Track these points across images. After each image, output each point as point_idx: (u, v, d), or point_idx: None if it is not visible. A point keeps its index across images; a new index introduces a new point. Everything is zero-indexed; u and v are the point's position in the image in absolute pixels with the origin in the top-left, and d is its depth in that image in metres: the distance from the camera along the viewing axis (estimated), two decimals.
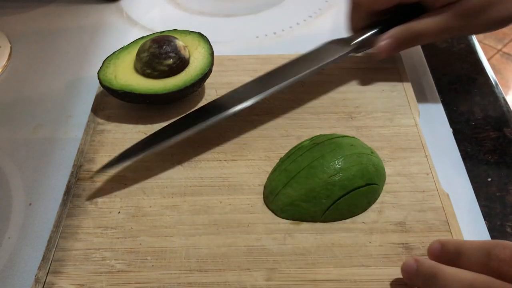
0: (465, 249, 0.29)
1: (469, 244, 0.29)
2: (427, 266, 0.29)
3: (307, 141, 0.37)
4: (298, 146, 0.37)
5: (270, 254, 0.32)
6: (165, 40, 0.41)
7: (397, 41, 0.41)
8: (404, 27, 0.41)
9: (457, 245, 0.30)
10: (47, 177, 0.39)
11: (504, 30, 1.94)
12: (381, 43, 0.42)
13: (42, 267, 0.32)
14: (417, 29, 0.41)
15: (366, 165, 0.34)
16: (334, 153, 0.34)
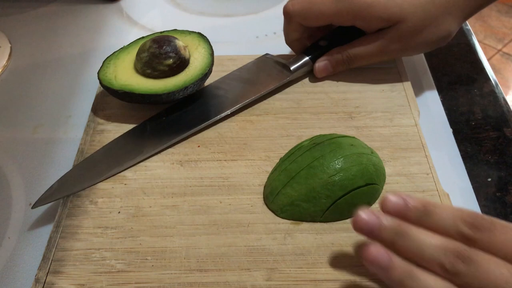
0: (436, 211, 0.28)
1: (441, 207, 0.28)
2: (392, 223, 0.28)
3: (307, 141, 0.37)
4: (298, 146, 0.37)
5: (270, 254, 0.32)
6: (165, 40, 0.41)
7: (333, 64, 0.44)
8: (341, 49, 0.43)
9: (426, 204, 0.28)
10: (47, 177, 0.39)
11: (504, 30, 1.94)
12: (319, 64, 0.44)
13: (42, 267, 0.32)
14: (354, 52, 0.43)
15: (366, 165, 0.34)
16: (334, 153, 0.34)
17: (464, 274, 0.25)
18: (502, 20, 1.96)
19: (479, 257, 0.25)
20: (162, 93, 0.40)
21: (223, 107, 0.42)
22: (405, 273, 0.27)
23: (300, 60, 0.44)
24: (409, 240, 0.27)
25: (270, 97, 0.44)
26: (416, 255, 0.27)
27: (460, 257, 0.26)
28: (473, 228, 0.26)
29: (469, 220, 0.27)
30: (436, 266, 0.26)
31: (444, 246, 0.26)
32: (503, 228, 0.26)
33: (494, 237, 0.26)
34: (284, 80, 0.43)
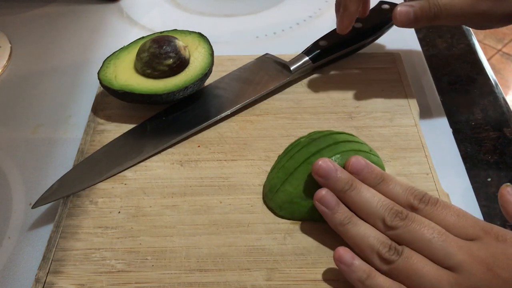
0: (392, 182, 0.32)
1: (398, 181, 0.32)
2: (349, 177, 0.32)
3: (304, 137, 0.37)
4: (296, 143, 0.37)
5: (270, 254, 0.32)
6: (165, 40, 0.41)
7: (417, 11, 0.38)
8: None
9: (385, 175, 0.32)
10: (47, 177, 0.39)
11: (504, 30, 1.94)
12: (400, 8, 0.38)
13: (42, 267, 0.32)
14: (441, 3, 0.37)
15: None
16: (331, 149, 0.34)
17: (400, 227, 0.29)
18: None
19: (416, 218, 0.29)
20: (162, 93, 0.40)
21: (223, 107, 0.42)
22: (347, 218, 0.30)
23: (300, 60, 0.44)
24: (359, 193, 0.31)
25: (270, 97, 0.44)
26: (362, 208, 0.31)
27: (399, 215, 0.29)
28: (420, 201, 0.30)
29: (418, 195, 0.31)
30: (377, 219, 0.30)
31: (390, 205, 0.30)
32: (445, 206, 0.30)
33: (435, 211, 0.30)
34: (284, 80, 0.43)
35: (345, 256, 0.29)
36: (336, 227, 0.31)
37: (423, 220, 0.29)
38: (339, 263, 0.29)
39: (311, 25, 0.55)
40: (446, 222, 0.29)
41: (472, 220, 0.29)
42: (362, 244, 0.29)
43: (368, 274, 0.28)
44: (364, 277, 0.28)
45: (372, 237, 0.29)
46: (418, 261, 0.28)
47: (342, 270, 0.29)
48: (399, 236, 0.29)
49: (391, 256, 0.28)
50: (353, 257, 0.29)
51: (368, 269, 0.29)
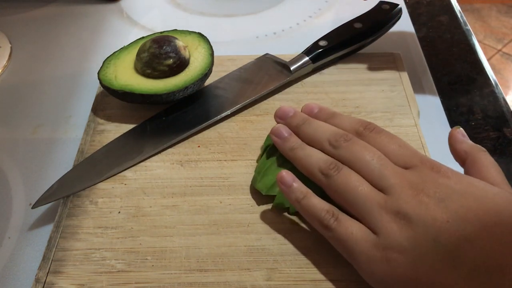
0: (342, 116, 0.35)
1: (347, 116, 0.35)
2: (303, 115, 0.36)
3: None
4: None
5: (270, 254, 0.32)
6: (165, 40, 0.41)
7: None
8: None
9: (335, 111, 0.36)
10: (47, 177, 0.39)
11: (504, 30, 1.94)
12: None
13: (42, 267, 0.32)
14: None
15: None
16: None
17: (343, 147, 0.32)
18: (502, 20, 1.96)
19: (359, 141, 0.32)
20: (162, 93, 0.40)
21: (223, 107, 0.42)
22: (296, 143, 0.34)
23: (300, 60, 0.44)
24: (311, 125, 0.34)
25: (270, 97, 0.44)
26: (312, 137, 0.34)
27: (344, 138, 0.32)
28: (365, 128, 0.33)
29: (364, 123, 0.33)
30: (323, 142, 0.33)
31: (336, 131, 0.33)
32: (389, 136, 0.32)
33: (378, 138, 0.32)
34: (284, 80, 0.43)
35: (286, 178, 0.32)
36: (287, 153, 0.34)
37: (366, 144, 0.32)
38: (280, 183, 0.32)
39: (311, 25, 0.55)
40: (388, 149, 0.31)
41: (412, 151, 0.31)
42: (307, 164, 0.32)
43: (304, 195, 0.31)
44: (300, 197, 0.31)
45: (316, 157, 0.32)
46: (355, 179, 0.30)
47: (283, 191, 0.32)
48: (341, 156, 0.32)
49: (330, 170, 0.31)
50: (293, 179, 0.32)
51: (305, 190, 0.31)
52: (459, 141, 0.32)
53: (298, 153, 0.33)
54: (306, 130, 0.34)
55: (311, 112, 0.36)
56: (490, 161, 0.30)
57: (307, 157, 0.33)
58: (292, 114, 0.36)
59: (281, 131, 0.35)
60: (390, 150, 0.31)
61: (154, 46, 0.40)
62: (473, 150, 0.32)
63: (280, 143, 0.35)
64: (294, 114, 0.36)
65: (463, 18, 0.55)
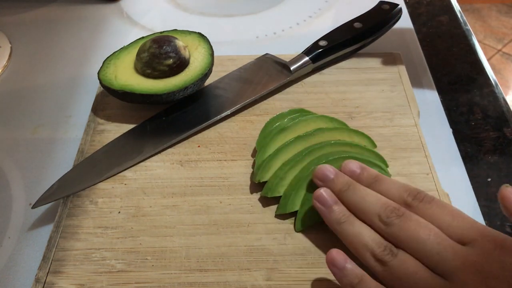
0: (387, 181, 0.32)
1: (392, 180, 0.32)
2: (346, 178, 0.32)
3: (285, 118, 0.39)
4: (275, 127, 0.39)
5: (270, 254, 0.32)
6: (165, 40, 0.41)
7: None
8: None
9: (379, 175, 0.33)
10: (47, 177, 0.39)
11: (504, 30, 1.94)
12: None
13: (42, 267, 0.32)
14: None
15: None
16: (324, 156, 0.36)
17: (396, 225, 0.29)
18: (502, 20, 1.96)
19: (412, 217, 0.29)
20: (162, 93, 0.40)
21: (223, 107, 0.42)
22: (344, 216, 0.31)
23: (300, 60, 0.44)
24: (356, 192, 0.31)
25: (270, 97, 0.44)
26: (358, 206, 0.31)
27: (396, 212, 0.29)
28: (414, 198, 0.30)
29: (413, 192, 0.30)
30: (373, 216, 0.30)
31: (385, 202, 0.30)
32: (440, 205, 0.29)
33: (430, 208, 0.29)
34: (284, 80, 0.43)
35: (338, 258, 0.29)
36: (333, 225, 0.31)
37: (420, 219, 0.29)
38: (331, 266, 0.29)
39: (311, 25, 0.55)
40: (441, 221, 0.28)
41: (468, 221, 0.28)
42: (357, 243, 0.29)
43: (359, 279, 0.28)
44: (355, 282, 0.28)
45: (367, 236, 0.29)
46: (412, 265, 0.27)
47: (334, 273, 0.29)
48: (394, 234, 0.29)
49: (385, 256, 0.28)
50: (346, 260, 0.29)
51: (360, 273, 0.28)
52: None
53: (347, 230, 0.30)
54: (351, 198, 0.31)
55: (352, 173, 0.33)
56: None
57: (357, 236, 0.29)
58: (334, 177, 0.32)
59: (326, 198, 0.31)
60: (443, 222, 0.28)
61: (154, 46, 0.40)
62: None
63: (326, 213, 0.31)
64: (336, 176, 0.32)
65: (463, 18, 0.55)
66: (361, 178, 0.32)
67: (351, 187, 0.32)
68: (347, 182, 0.32)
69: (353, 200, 0.31)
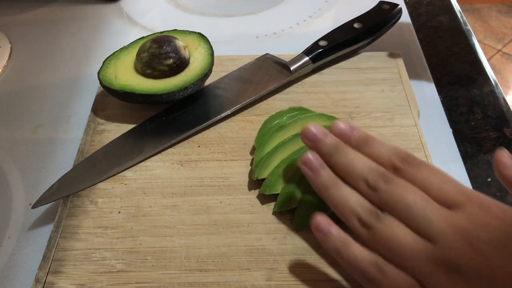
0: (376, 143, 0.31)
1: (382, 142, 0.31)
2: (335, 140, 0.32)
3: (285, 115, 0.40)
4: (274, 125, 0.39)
5: (270, 254, 0.32)
6: (165, 40, 0.41)
7: None
8: None
9: (369, 136, 0.32)
10: (47, 177, 0.39)
11: (504, 30, 1.94)
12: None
13: (42, 267, 0.32)
14: None
15: None
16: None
17: (383, 190, 0.28)
18: (502, 20, 1.96)
19: (399, 181, 0.28)
20: (162, 93, 0.40)
21: (223, 107, 0.42)
22: (331, 181, 0.30)
23: (300, 60, 0.44)
24: (344, 156, 0.31)
25: (270, 97, 0.44)
26: (346, 170, 0.30)
27: (383, 177, 0.29)
28: (403, 161, 0.29)
29: (402, 155, 0.30)
30: (360, 181, 0.29)
31: (373, 167, 0.30)
32: (429, 169, 0.29)
33: (419, 173, 0.29)
34: (284, 80, 0.43)
35: (322, 223, 0.29)
36: (320, 190, 0.31)
37: (406, 184, 0.28)
38: (316, 230, 0.29)
39: (311, 25, 0.55)
40: (429, 185, 0.28)
41: (456, 185, 0.28)
42: (343, 208, 0.29)
43: (343, 243, 0.28)
44: (339, 246, 0.28)
45: (353, 201, 0.29)
46: (397, 228, 0.27)
47: (319, 238, 0.29)
48: (380, 199, 0.28)
49: (370, 220, 0.28)
50: (330, 224, 0.29)
51: (344, 237, 0.28)
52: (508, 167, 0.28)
53: (334, 194, 0.30)
54: (339, 161, 0.31)
55: (342, 134, 0.32)
56: None
57: (344, 201, 0.29)
58: (323, 137, 0.32)
59: (313, 162, 0.31)
60: (432, 186, 0.28)
61: (154, 46, 0.40)
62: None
63: (313, 178, 0.31)
64: (325, 137, 0.32)
65: (463, 18, 0.55)
66: (351, 139, 0.32)
67: (339, 149, 0.31)
68: (336, 144, 0.31)
69: (341, 163, 0.30)
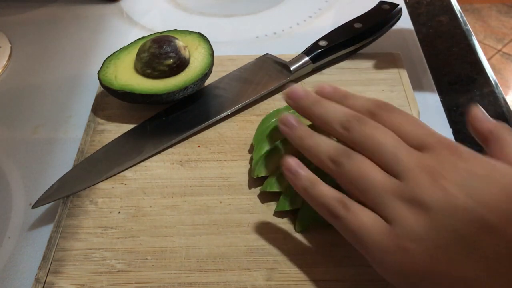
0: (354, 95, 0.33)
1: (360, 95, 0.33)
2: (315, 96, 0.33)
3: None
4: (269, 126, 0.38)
5: (270, 254, 0.32)
6: (165, 40, 0.41)
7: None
8: None
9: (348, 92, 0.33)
10: (47, 177, 0.39)
11: (504, 30, 1.94)
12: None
13: (42, 267, 0.32)
14: None
15: None
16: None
17: (355, 130, 0.29)
18: (502, 20, 1.96)
19: (372, 123, 0.29)
20: (162, 93, 0.40)
21: (223, 107, 0.42)
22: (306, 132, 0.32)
23: (300, 60, 0.44)
24: (321, 106, 0.32)
25: (270, 97, 0.44)
26: (323, 118, 0.31)
27: (357, 118, 0.30)
28: (377, 107, 0.31)
29: (379, 103, 0.31)
30: (336, 124, 0.30)
31: (348, 112, 0.31)
32: (403, 114, 0.30)
33: (393, 117, 0.30)
34: (284, 80, 0.43)
35: (292, 164, 0.30)
36: (296, 143, 0.32)
37: (378, 125, 0.29)
38: (286, 171, 0.30)
39: (311, 25, 0.55)
40: (402, 128, 0.29)
41: (428, 130, 0.29)
42: (316, 151, 0.30)
43: (312, 183, 0.29)
44: (308, 185, 0.29)
45: (327, 144, 0.30)
46: (367, 165, 0.28)
47: (289, 179, 0.30)
48: (353, 139, 0.29)
49: (341, 158, 0.29)
50: (300, 166, 0.30)
51: (313, 177, 0.30)
52: (480, 120, 0.30)
53: (308, 142, 0.31)
54: (317, 111, 0.32)
55: (323, 93, 0.34)
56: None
57: (316, 146, 0.30)
58: (304, 95, 0.33)
59: (289, 119, 0.32)
60: (404, 129, 0.29)
61: (154, 46, 0.40)
62: (496, 128, 0.29)
63: (289, 132, 0.32)
64: (306, 95, 0.33)
65: (463, 18, 0.55)
66: (331, 96, 0.33)
67: (319, 102, 0.32)
68: (315, 99, 0.33)
69: (319, 113, 0.32)
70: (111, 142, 0.40)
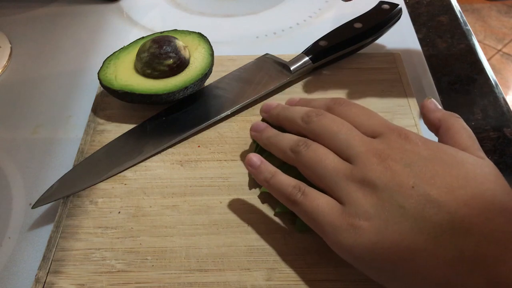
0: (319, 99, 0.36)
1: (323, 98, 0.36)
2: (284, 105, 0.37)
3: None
4: None
5: (270, 254, 0.32)
6: (165, 40, 0.41)
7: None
8: None
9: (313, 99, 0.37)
10: (47, 177, 0.39)
11: (504, 30, 1.94)
12: None
13: (42, 267, 0.32)
14: None
15: None
16: None
17: (313, 121, 0.33)
18: (502, 20, 1.96)
19: (328, 115, 0.33)
20: (162, 93, 0.40)
21: (223, 107, 0.42)
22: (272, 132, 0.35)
23: (300, 60, 0.44)
24: (288, 110, 0.35)
25: (270, 97, 0.44)
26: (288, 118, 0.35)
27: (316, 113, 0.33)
28: (335, 103, 0.34)
29: (335, 100, 0.34)
30: (297, 119, 0.34)
31: (309, 109, 0.34)
32: (359, 107, 0.33)
33: (349, 110, 0.33)
34: (284, 80, 0.43)
35: (254, 159, 0.33)
36: (264, 143, 0.35)
37: (335, 117, 0.32)
38: (248, 166, 0.33)
39: (311, 25, 0.55)
40: (357, 119, 0.32)
41: (381, 120, 0.32)
42: (280, 146, 0.33)
43: (272, 174, 0.32)
44: (268, 176, 0.32)
45: (288, 138, 0.33)
46: (322, 152, 0.31)
47: (252, 173, 0.33)
48: (312, 130, 0.32)
49: (299, 147, 0.32)
50: (260, 160, 0.33)
51: (273, 170, 0.32)
52: (432, 110, 0.33)
53: (273, 140, 0.34)
54: (284, 114, 0.35)
55: (292, 103, 0.38)
56: (462, 126, 0.31)
57: (280, 142, 0.34)
58: (275, 106, 0.37)
59: (258, 125, 0.37)
60: (359, 120, 0.32)
61: (154, 46, 0.40)
62: (445, 116, 0.32)
63: (258, 135, 0.36)
64: (276, 105, 0.37)
65: (463, 18, 0.55)
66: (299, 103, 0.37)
67: (286, 108, 0.36)
68: (285, 106, 0.36)
69: (285, 115, 0.35)
70: (111, 142, 0.40)
